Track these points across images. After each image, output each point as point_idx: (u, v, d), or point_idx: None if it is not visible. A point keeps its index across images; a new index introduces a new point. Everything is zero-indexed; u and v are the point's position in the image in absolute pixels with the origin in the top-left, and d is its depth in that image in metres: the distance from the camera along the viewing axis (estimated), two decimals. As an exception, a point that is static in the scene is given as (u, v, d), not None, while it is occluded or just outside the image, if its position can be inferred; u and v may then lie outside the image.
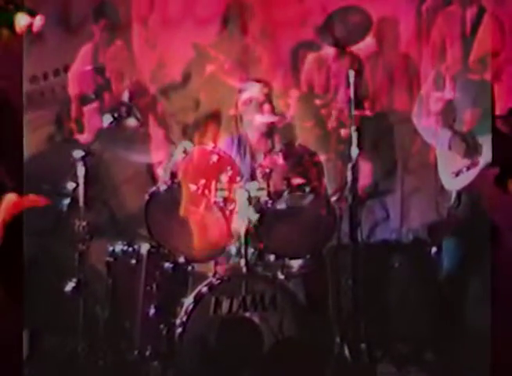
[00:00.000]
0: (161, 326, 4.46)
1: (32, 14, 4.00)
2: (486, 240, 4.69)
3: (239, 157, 4.96)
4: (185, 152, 4.61)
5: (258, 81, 5.12)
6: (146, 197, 4.57)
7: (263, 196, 4.57)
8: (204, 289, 4.38)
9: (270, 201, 4.56)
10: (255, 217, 4.51)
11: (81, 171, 4.62)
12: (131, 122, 4.86)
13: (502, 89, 5.51)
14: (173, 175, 4.60)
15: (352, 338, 4.69)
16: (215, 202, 4.54)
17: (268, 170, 4.61)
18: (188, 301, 4.39)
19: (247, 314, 4.39)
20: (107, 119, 4.79)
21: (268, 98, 4.99)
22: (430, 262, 5.17)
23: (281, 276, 4.55)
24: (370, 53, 6.00)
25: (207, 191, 4.55)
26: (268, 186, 4.58)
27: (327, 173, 4.97)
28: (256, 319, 4.39)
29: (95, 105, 5.84)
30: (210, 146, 4.78)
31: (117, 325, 4.66)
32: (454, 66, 5.75)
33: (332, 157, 5.62)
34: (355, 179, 4.66)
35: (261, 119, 4.91)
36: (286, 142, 4.81)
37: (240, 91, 5.08)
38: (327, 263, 4.80)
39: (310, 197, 4.60)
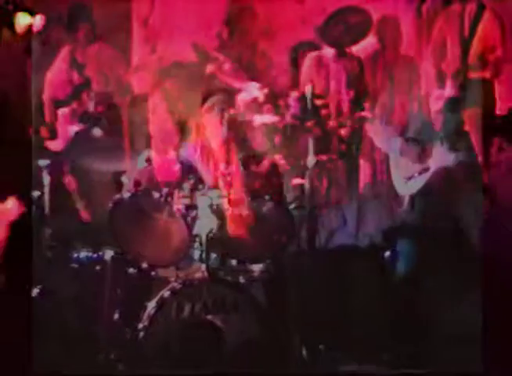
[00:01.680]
0: (126, 330, 4.55)
1: (32, 14, 4.07)
2: (443, 241, 4.79)
3: (202, 164, 5.08)
4: (148, 161, 4.75)
5: (258, 81, 5.22)
6: (110, 204, 4.67)
7: (224, 203, 4.70)
8: (167, 293, 4.48)
9: (231, 208, 4.69)
10: (216, 223, 4.66)
11: (46, 179, 4.72)
12: (97, 132, 4.98)
13: (502, 87, 5.54)
14: (137, 183, 4.72)
15: (311, 340, 4.80)
16: (178, 209, 4.66)
17: (229, 178, 4.75)
18: (151, 305, 4.49)
19: (209, 317, 4.50)
20: (74, 129, 4.90)
21: (268, 98, 5.09)
22: (385, 264, 5.33)
23: (242, 280, 4.67)
24: (370, 53, 6.02)
25: (169, 198, 4.67)
26: (229, 193, 4.72)
27: (327, 174, 5.03)
28: (218, 322, 4.51)
29: (71, 107, 5.72)
30: (172, 154, 4.90)
31: (83, 330, 4.70)
32: (454, 64, 5.70)
33: (332, 157, 5.66)
34: (312, 188, 4.77)
35: (262, 119, 5.01)
36: (247, 153, 4.93)
37: (240, 91, 5.16)
38: (287, 267, 4.92)
39: (269, 205, 4.75)
